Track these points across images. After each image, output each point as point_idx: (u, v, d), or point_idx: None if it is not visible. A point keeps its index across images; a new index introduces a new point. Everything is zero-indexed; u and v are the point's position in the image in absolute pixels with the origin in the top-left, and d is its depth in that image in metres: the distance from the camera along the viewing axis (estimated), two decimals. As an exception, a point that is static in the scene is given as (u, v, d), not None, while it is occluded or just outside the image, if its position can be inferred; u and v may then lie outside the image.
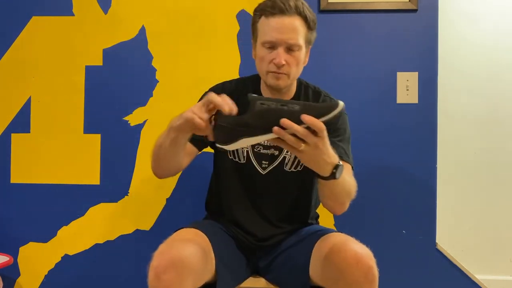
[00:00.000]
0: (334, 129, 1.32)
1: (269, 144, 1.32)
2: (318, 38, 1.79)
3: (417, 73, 1.78)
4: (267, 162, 1.34)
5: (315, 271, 1.19)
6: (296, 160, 1.34)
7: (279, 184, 1.36)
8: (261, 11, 1.28)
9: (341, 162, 1.10)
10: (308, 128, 0.97)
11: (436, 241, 1.77)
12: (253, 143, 1.06)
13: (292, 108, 0.99)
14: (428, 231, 1.76)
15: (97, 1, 1.85)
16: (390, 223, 1.77)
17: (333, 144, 1.14)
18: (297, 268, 1.24)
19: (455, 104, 2.01)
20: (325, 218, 1.76)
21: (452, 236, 1.96)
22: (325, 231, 1.27)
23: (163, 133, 1.21)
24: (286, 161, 1.35)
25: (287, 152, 1.33)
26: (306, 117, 0.96)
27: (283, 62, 1.24)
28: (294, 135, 0.97)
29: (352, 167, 1.35)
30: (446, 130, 1.95)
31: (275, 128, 0.97)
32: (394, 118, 1.78)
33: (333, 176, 1.09)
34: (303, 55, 1.29)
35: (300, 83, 1.40)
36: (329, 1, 1.79)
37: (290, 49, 1.25)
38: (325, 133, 1.00)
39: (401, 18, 1.78)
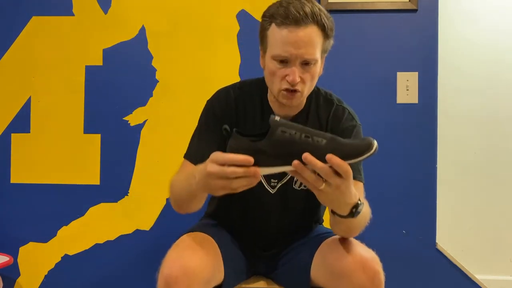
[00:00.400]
0: None
1: None
2: (318, 38, 1.79)
3: (417, 73, 1.77)
4: (276, 181, 1.26)
5: (317, 273, 1.18)
6: None
7: (288, 202, 1.28)
8: (271, 17, 1.12)
9: (361, 201, 1.00)
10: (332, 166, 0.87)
11: (436, 241, 1.77)
12: (267, 173, 0.93)
13: (317, 142, 0.88)
14: (428, 231, 1.76)
15: (97, 1, 1.85)
16: (390, 223, 1.77)
17: None
18: (298, 268, 1.23)
19: (455, 104, 2.01)
20: (325, 218, 1.76)
21: (452, 236, 1.96)
22: (330, 234, 1.24)
23: (184, 182, 1.10)
24: (295, 179, 1.25)
25: None
26: (332, 159, 0.86)
27: (298, 80, 1.11)
28: (315, 171, 0.89)
29: (364, 184, 1.27)
30: (446, 130, 1.95)
31: (295, 163, 0.87)
32: (394, 118, 1.78)
33: (351, 215, 0.99)
34: (318, 68, 1.16)
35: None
36: (329, 1, 1.78)
37: (305, 64, 1.12)
38: (351, 176, 0.90)
39: (401, 18, 1.78)
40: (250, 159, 0.89)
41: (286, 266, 1.29)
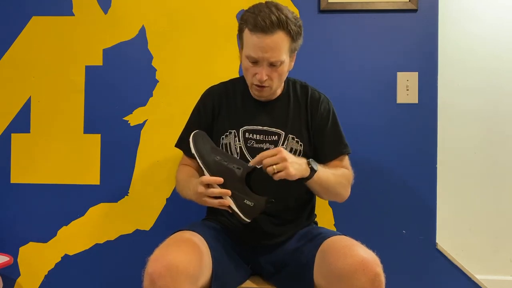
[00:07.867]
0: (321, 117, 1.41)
1: (262, 138, 1.37)
2: (318, 38, 1.80)
3: (417, 73, 1.78)
4: None
5: (319, 275, 1.18)
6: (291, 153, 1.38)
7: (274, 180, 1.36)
8: (245, 23, 1.29)
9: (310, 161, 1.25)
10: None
11: (436, 241, 1.77)
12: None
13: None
14: (428, 231, 1.76)
15: (97, 1, 1.85)
16: (390, 223, 1.77)
17: (325, 136, 1.35)
18: (300, 273, 1.23)
19: (455, 104, 2.01)
20: (325, 218, 1.76)
21: (452, 236, 1.96)
22: (329, 234, 1.25)
23: (185, 187, 1.36)
24: None
25: (282, 145, 1.38)
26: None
27: (265, 78, 1.30)
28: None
29: (349, 154, 1.46)
30: (446, 130, 1.95)
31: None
32: (394, 118, 1.78)
33: (312, 172, 1.24)
34: (286, 67, 1.33)
35: (287, 80, 1.45)
36: (329, 1, 1.78)
37: (272, 65, 1.29)
38: (281, 151, 1.19)
39: (401, 18, 1.78)
40: (219, 179, 1.19)
41: (288, 271, 1.29)
